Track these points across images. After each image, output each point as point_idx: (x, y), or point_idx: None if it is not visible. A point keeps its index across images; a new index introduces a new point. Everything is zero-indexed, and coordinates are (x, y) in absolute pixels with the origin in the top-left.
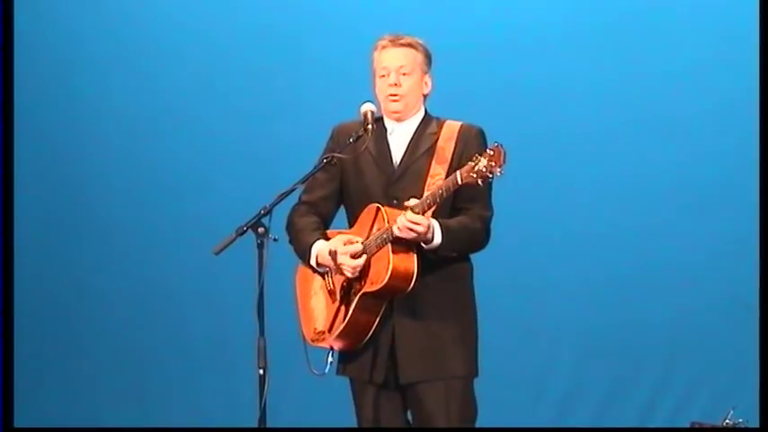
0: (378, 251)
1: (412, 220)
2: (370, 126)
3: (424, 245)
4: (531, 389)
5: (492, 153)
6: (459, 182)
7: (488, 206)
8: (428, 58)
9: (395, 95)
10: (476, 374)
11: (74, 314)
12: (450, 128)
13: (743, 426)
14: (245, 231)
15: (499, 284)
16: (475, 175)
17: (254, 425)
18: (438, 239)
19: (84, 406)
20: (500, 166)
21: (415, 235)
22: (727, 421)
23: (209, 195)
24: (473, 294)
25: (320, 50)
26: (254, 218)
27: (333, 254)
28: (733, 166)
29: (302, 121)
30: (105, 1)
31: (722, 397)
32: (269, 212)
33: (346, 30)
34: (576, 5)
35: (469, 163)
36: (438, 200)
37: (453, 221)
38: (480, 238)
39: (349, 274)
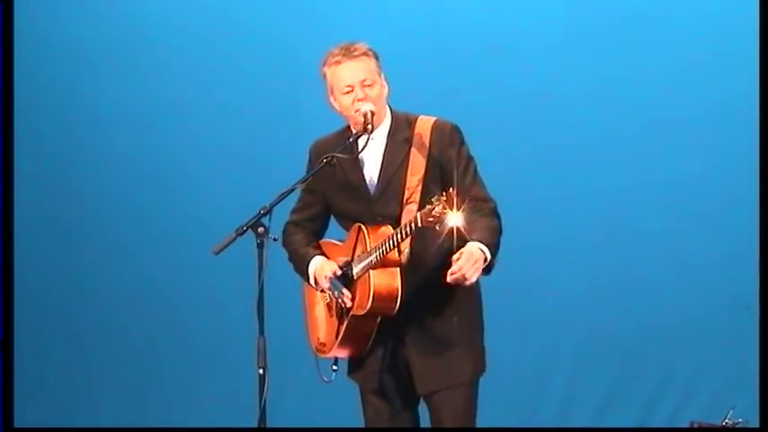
0: (363, 274)
1: (468, 261)
2: (370, 126)
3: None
4: (531, 389)
5: (445, 198)
6: (420, 224)
7: (488, 192)
8: (378, 60)
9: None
10: (484, 370)
11: (74, 314)
12: (423, 127)
13: (742, 425)
14: (244, 231)
15: (499, 284)
16: (432, 219)
17: (254, 425)
18: (487, 251)
19: (84, 406)
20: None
21: (481, 264)
22: (727, 421)
23: (208, 195)
24: (478, 288)
25: (320, 51)
26: (254, 218)
27: (330, 279)
28: (733, 167)
29: (302, 121)
30: (105, 2)
31: (722, 397)
32: (269, 212)
33: (347, 30)
34: (575, 6)
35: (428, 206)
36: (403, 237)
37: (486, 231)
38: (500, 228)
39: (349, 303)
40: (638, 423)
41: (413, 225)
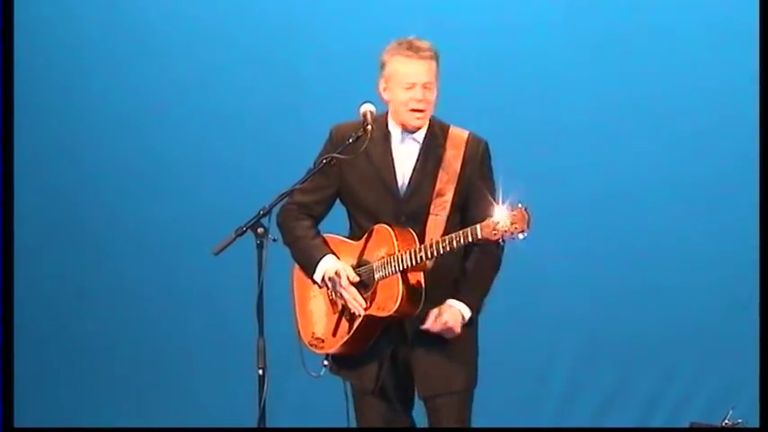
0: (386, 277)
1: (443, 328)
2: (369, 126)
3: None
4: (531, 389)
5: (515, 214)
6: (480, 237)
7: None
8: (439, 63)
9: (421, 111)
10: (475, 385)
11: (73, 314)
12: (456, 139)
13: (742, 426)
14: (244, 232)
15: (499, 284)
16: (496, 233)
17: (254, 425)
18: (468, 313)
19: (84, 406)
20: (522, 232)
21: (456, 329)
22: (727, 421)
23: (208, 196)
24: None
25: (321, 50)
26: (254, 218)
27: (336, 283)
28: (733, 166)
29: (302, 120)
30: (105, 0)
31: (722, 397)
32: (268, 213)
33: (348, 29)
34: (575, 6)
35: (492, 219)
36: (453, 247)
37: (471, 280)
38: (497, 265)
39: (354, 310)
40: (638, 423)
41: (470, 237)
